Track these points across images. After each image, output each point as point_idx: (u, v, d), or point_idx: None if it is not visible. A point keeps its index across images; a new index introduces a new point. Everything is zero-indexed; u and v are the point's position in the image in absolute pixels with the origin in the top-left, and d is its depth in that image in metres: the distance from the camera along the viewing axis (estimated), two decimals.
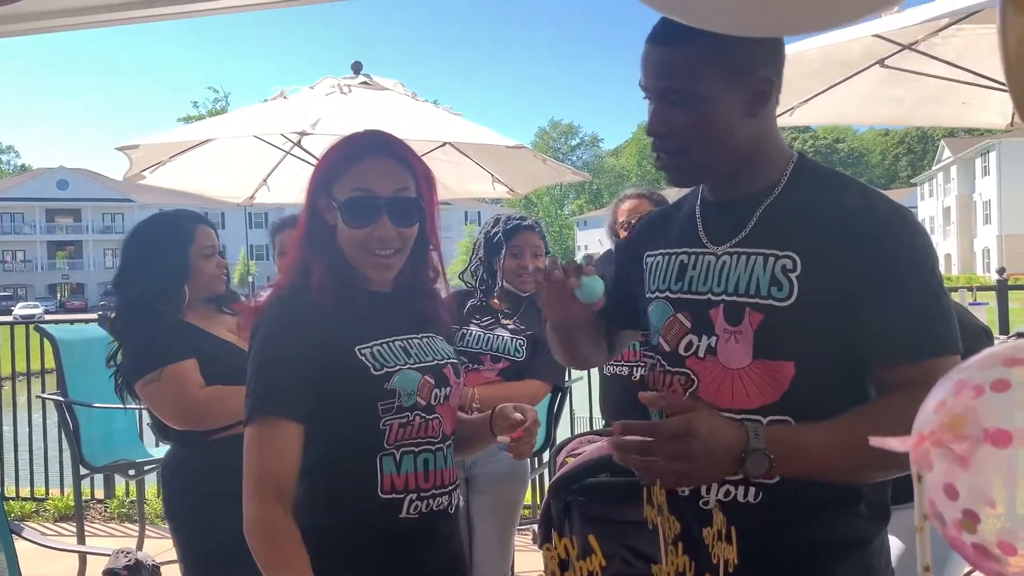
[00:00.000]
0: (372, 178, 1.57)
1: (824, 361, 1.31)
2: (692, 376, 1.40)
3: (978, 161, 52.68)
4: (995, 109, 4.44)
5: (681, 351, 1.42)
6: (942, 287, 1.32)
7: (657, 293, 1.49)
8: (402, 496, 1.54)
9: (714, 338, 1.37)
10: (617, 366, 3.24)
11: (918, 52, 3.91)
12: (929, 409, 0.73)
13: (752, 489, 1.34)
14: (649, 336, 1.53)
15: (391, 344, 1.57)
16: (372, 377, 1.52)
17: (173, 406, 2.37)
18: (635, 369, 3.11)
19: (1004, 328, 4.75)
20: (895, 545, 2.28)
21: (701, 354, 1.39)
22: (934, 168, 60.77)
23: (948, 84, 4.06)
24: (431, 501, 1.57)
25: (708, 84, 1.33)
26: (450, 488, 1.62)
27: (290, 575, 1.42)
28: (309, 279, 1.57)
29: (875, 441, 0.68)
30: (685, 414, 1.23)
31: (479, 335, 2.96)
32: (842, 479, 1.30)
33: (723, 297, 1.37)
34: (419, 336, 1.64)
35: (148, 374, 2.35)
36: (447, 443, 1.63)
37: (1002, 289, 5.00)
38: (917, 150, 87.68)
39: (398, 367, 1.54)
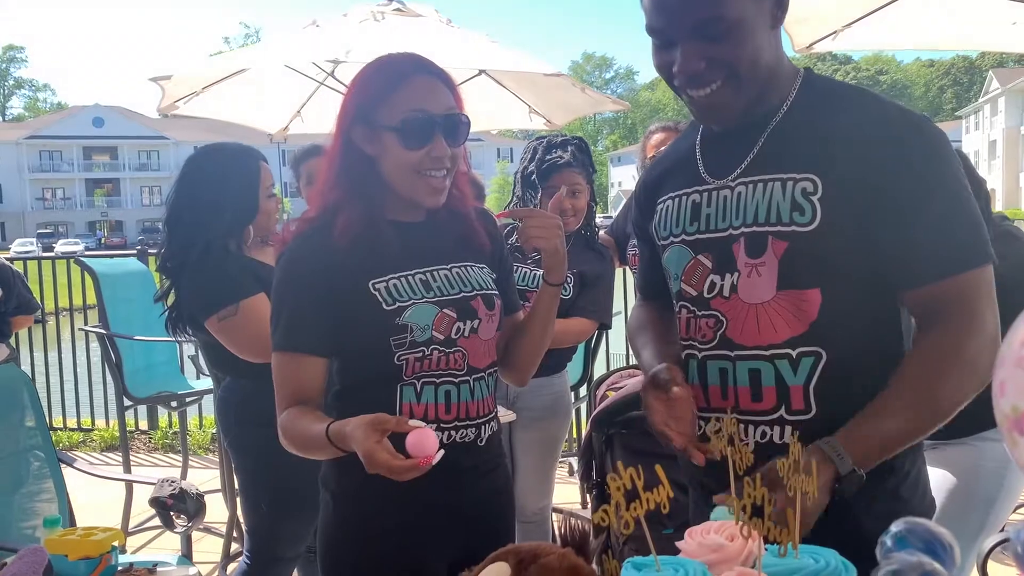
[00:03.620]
0: (424, 97, 1.51)
1: (851, 286, 1.27)
2: (721, 318, 1.35)
3: None
4: None
5: (706, 293, 1.36)
6: (967, 195, 1.26)
7: (672, 238, 1.43)
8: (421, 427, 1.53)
9: (736, 274, 1.32)
10: None
11: None
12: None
13: (788, 428, 1.30)
14: (670, 283, 1.47)
15: (410, 278, 1.53)
16: (384, 312, 1.50)
17: (253, 339, 2.33)
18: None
19: None
20: (947, 480, 2.24)
21: (726, 293, 1.33)
22: (981, 100, 58.86)
23: (998, 6, 3.85)
24: (453, 433, 1.55)
25: (740, 5, 1.24)
26: (478, 420, 1.59)
27: (310, 426, 1.46)
28: (335, 214, 1.54)
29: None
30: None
31: (525, 272, 2.89)
32: (921, 437, 1.29)
33: (743, 229, 1.31)
34: (448, 267, 1.59)
35: (224, 308, 2.32)
36: (476, 375, 1.58)
37: None
38: (963, 81, 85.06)
39: (412, 301, 1.51)
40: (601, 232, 3.60)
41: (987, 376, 1.16)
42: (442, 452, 1.30)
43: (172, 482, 2.65)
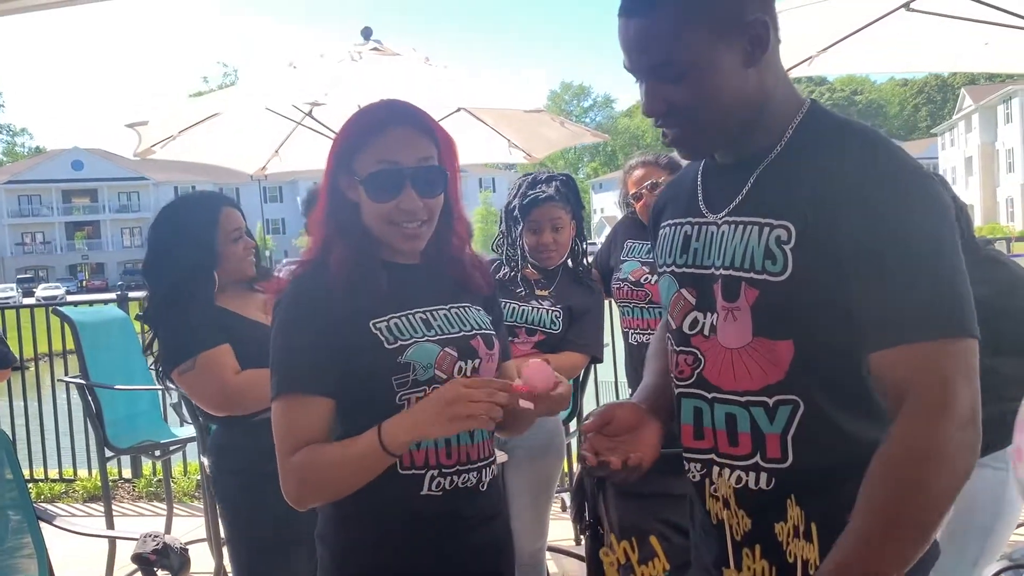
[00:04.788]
0: (395, 149, 1.51)
1: (824, 339, 1.20)
2: (699, 356, 1.32)
3: (1000, 108, 51.73)
4: (1018, 50, 4.28)
5: (686, 329, 1.34)
6: (950, 262, 1.15)
7: (664, 267, 1.42)
8: (422, 472, 1.50)
9: (715, 315, 1.29)
10: (643, 334, 3.16)
11: None
12: None
13: (764, 475, 1.26)
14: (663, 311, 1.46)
15: (410, 317, 1.52)
16: (386, 351, 1.48)
17: (210, 393, 2.36)
18: None
19: None
20: None
21: (707, 333, 1.31)
22: (955, 117, 59.74)
23: (970, 27, 3.91)
24: (455, 478, 1.52)
25: (696, 48, 1.20)
26: (479, 464, 1.56)
27: (347, 447, 1.45)
28: (329, 256, 1.54)
29: None
30: None
31: (514, 307, 2.86)
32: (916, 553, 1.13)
33: (720, 271, 1.28)
34: (447, 307, 1.58)
35: (183, 363, 2.34)
36: None
37: None
38: (937, 99, 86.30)
39: (413, 340, 1.50)
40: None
41: (963, 463, 1.11)
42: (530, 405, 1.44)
43: (155, 537, 2.59)
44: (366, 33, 4.08)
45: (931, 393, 1.11)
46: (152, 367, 2.50)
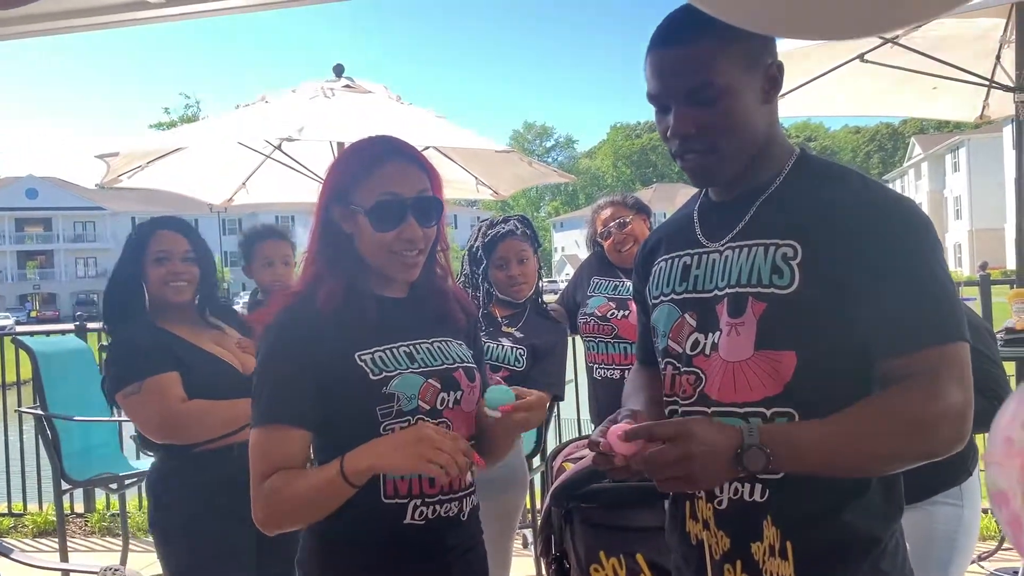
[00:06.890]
0: (396, 181, 1.58)
1: (826, 351, 1.29)
2: (700, 375, 1.40)
3: (948, 157, 53.31)
4: (965, 101, 4.48)
5: (689, 350, 1.42)
6: (944, 275, 1.28)
7: (662, 297, 1.49)
8: (405, 501, 1.54)
9: (718, 333, 1.37)
10: (608, 369, 3.21)
11: (900, 46, 3.92)
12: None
13: (758, 487, 1.33)
14: (656, 341, 1.52)
15: (394, 350, 1.57)
16: (370, 382, 1.52)
17: (153, 419, 2.35)
18: (626, 372, 3.07)
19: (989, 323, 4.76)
20: None
21: (707, 352, 1.39)
22: (905, 165, 61.45)
23: (921, 74, 4.09)
24: (437, 507, 1.56)
25: (729, 76, 1.32)
26: (460, 494, 1.61)
27: (313, 475, 1.48)
28: (319, 289, 1.58)
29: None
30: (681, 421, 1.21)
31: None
32: (846, 473, 1.28)
33: (727, 291, 1.37)
34: (430, 340, 1.63)
35: (129, 386, 2.33)
36: None
37: (985, 284, 5.00)
38: (888, 147, 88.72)
39: (398, 371, 1.54)
40: (552, 302, 3.63)
41: (935, 445, 1.21)
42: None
43: (116, 570, 2.56)
44: (338, 70, 4.12)
45: (921, 385, 1.22)
46: (103, 388, 2.47)
